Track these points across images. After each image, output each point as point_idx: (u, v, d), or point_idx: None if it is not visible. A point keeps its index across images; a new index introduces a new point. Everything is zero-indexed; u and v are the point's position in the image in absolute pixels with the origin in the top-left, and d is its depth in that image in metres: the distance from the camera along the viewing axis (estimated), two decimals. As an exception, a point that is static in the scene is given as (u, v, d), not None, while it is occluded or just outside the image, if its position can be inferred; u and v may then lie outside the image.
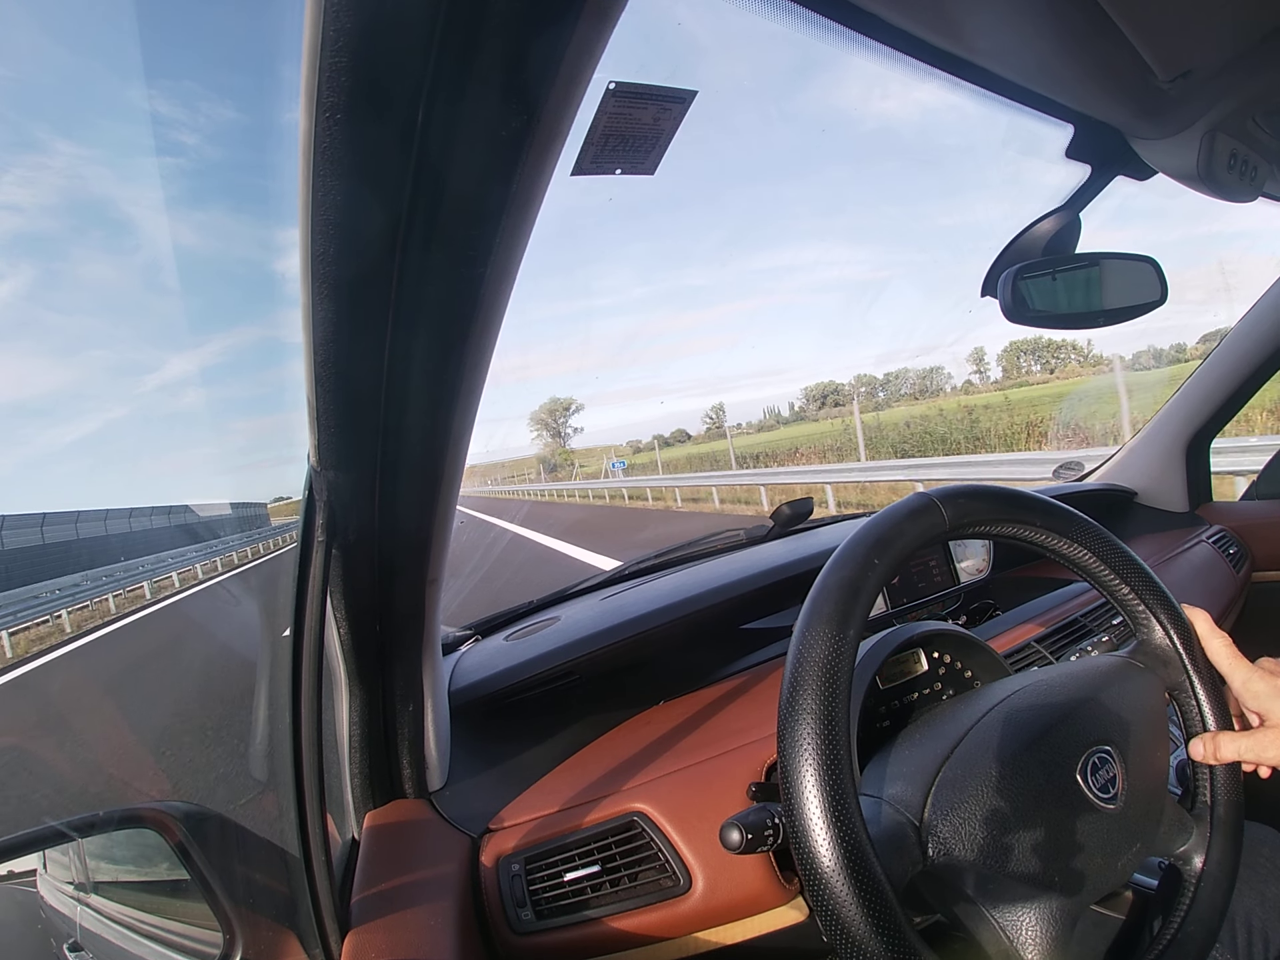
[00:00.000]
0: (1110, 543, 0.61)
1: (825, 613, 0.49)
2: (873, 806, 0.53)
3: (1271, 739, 0.56)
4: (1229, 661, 0.59)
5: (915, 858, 0.49)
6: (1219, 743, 0.57)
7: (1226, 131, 0.66)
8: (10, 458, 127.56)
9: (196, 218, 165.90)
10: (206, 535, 30.30)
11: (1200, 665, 0.60)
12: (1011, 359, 48.03)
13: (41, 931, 0.76)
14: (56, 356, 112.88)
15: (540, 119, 0.33)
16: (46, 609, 12.02)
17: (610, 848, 0.69)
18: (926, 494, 0.57)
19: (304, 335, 0.42)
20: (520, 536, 10.68)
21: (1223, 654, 0.60)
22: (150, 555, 19.72)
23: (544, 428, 74.48)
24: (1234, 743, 0.57)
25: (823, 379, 29.41)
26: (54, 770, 3.84)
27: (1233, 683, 0.59)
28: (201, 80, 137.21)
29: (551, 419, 74.33)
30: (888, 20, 0.50)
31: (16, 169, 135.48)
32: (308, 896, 0.55)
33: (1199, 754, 0.58)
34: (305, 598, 0.53)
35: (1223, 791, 0.58)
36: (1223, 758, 0.57)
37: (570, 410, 75.42)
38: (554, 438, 74.05)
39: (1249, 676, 0.58)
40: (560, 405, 74.13)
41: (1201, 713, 0.59)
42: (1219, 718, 0.59)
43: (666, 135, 0.47)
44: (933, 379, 43.53)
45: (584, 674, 0.90)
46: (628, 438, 69.37)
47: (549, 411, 74.40)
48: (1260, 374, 1.39)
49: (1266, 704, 0.57)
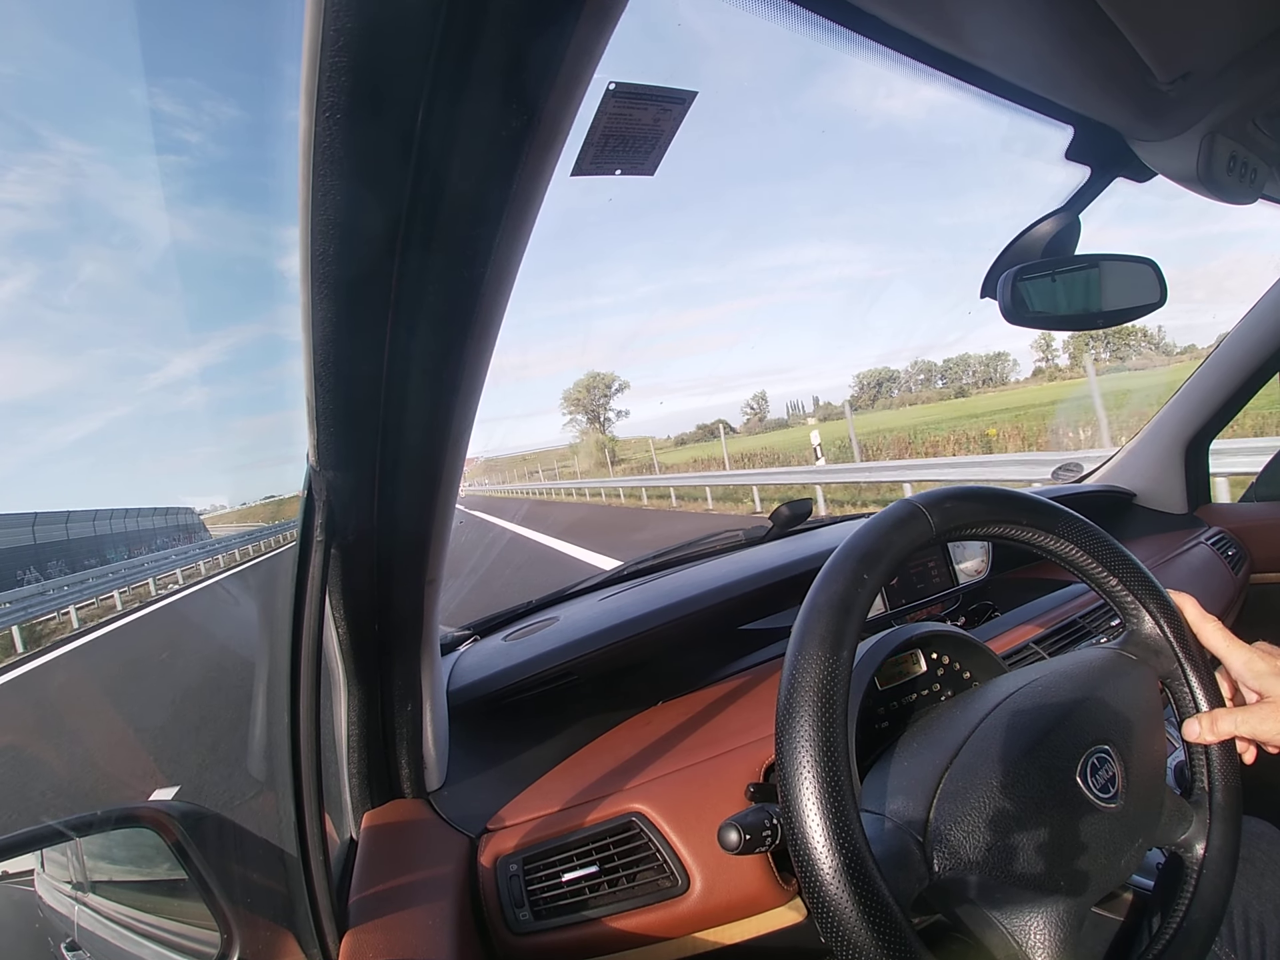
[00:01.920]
0: (1096, 536, 0.61)
1: (818, 634, 0.49)
2: (875, 824, 0.52)
3: (1268, 713, 0.56)
4: (1225, 644, 0.60)
5: (921, 874, 0.49)
6: (1215, 717, 0.58)
7: (1226, 134, 0.66)
8: (12, 457, 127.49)
9: (197, 217, 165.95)
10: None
11: (1192, 651, 0.60)
12: (1080, 344, 43.75)
13: (39, 931, 0.76)
14: (58, 355, 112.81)
15: (540, 119, 0.33)
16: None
17: (608, 848, 0.69)
18: (911, 501, 0.57)
19: (304, 334, 0.42)
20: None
21: (1217, 637, 0.60)
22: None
23: (579, 409, 63.55)
24: (1230, 717, 0.57)
25: (876, 365, 26.98)
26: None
27: (1232, 664, 0.59)
28: (203, 78, 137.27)
29: (589, 398, 63.08)
30: (888, 22, 0.50)
31: (20, 167, 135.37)
32: (305, 896, 0.55)
33: (1194, 733, 0.58)
34: (304, 597, 0.53)
35: (1220, 777, 0.58)
36: (1220, 732, 0.57)
37: (613, 389, 63.55)
38: (592, 423, 63.04)
39: (1250, 656, 0.58)
40: (600, 382, 62.67)
41: (1195, 698, 0.59)
42: (1212, 702, 0.59)
43: (666, 136, 0.47)
44: (997, 366, 39.92)
45: (583, 674, 0.90)
46: (655, 430, 62.47)
47: (586, 389, 63.07)
48: (1259, 376, 1.39)
49: (1268, 681, 0.57)
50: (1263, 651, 0.59)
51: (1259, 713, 0.57)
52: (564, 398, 64.54)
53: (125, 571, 15.98)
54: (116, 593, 14.04)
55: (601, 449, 47.85)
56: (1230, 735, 0.58)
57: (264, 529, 28.88)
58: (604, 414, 64.62)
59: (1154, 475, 1.59)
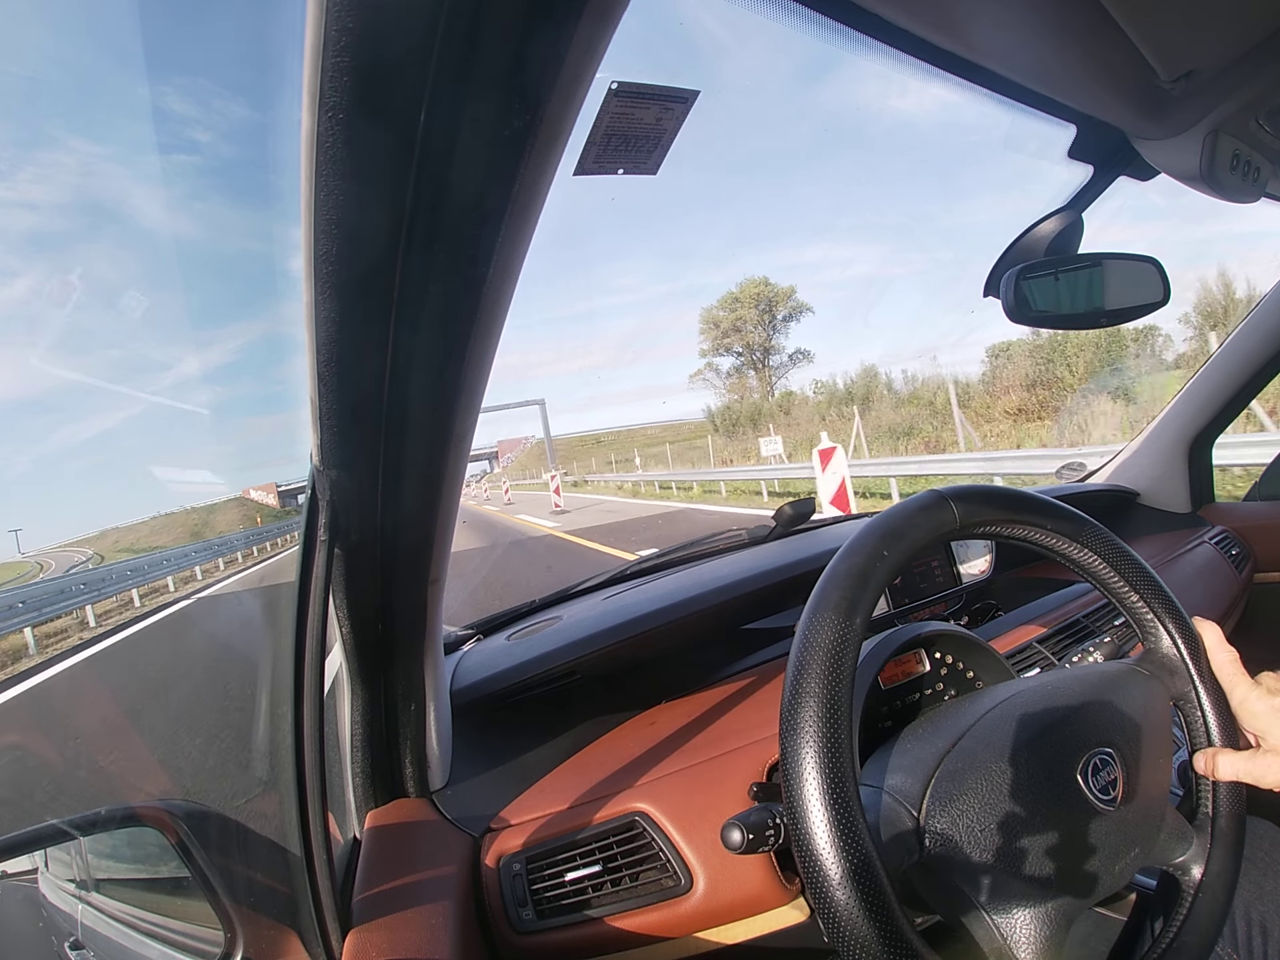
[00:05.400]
0: (1120, 550, 0.61)
1: (833, 600, 0.49)
2: (872, 795, 0.53)
3: (1269, 763, 0.55)
4: (1230, 676, 0.59)
5: (912, 846, 0.49)
6: (1218, 763, 0.57)
7: (1229, 132, 0.66)
8: (21, 455, 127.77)
9: (203, 216, 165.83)
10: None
11: (1207, 678, 0.59)
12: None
13: (43, 930, 0.76)
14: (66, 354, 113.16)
15: (542, 119, 0.33)
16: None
17: (612, 847, 0.69)
18: (939, 491, 0.58)
19: (307, 335, 0.42)
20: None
21: (1226, 668, 0.59)
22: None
23: (718, 338, 33.36)
24: (1232, 765, 0.56)
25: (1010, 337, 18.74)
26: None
27: (1230, 699, 0.59)
28: (211, 78, 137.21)
29: (738, 328, 32.89)
30: (891, 21, 0.50)
31: (30, 166, 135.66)
32: (309, 895, 0.55)
33: (1200, 768, 0.58)
34: (308, 597, 0.53)
35: (1225, 804, 0.58)
36: (1220, 776, 0.57)
37: (790, 306, 32.59)
38: (745, 369, 33.46)
39: (1247, 695, 0.57)
40: (770, 294, 32.33)
41: (1206, 724, 0.59)
42: (1224, 730, 0.58)
43: (669, 135, 0.47)
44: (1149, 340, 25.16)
45: (586, 674, 0.90)
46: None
47: (752, 298, 32.41)
48: (1263, 375, 1.39)
49: (1264, 724, 0.56)
50: (1264, 690, 0.57)
51: (1261, 763, 0.55)
52: (702, 320, 34.13)
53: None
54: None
55: (754, 419, 25.54)
56: (1232, 780, 0.57)
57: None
58: (770, 353, 33.29)
59: (1157, 474, 1.59)
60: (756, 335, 33.78)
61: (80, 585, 12.33)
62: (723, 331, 34.24)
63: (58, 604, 11.07)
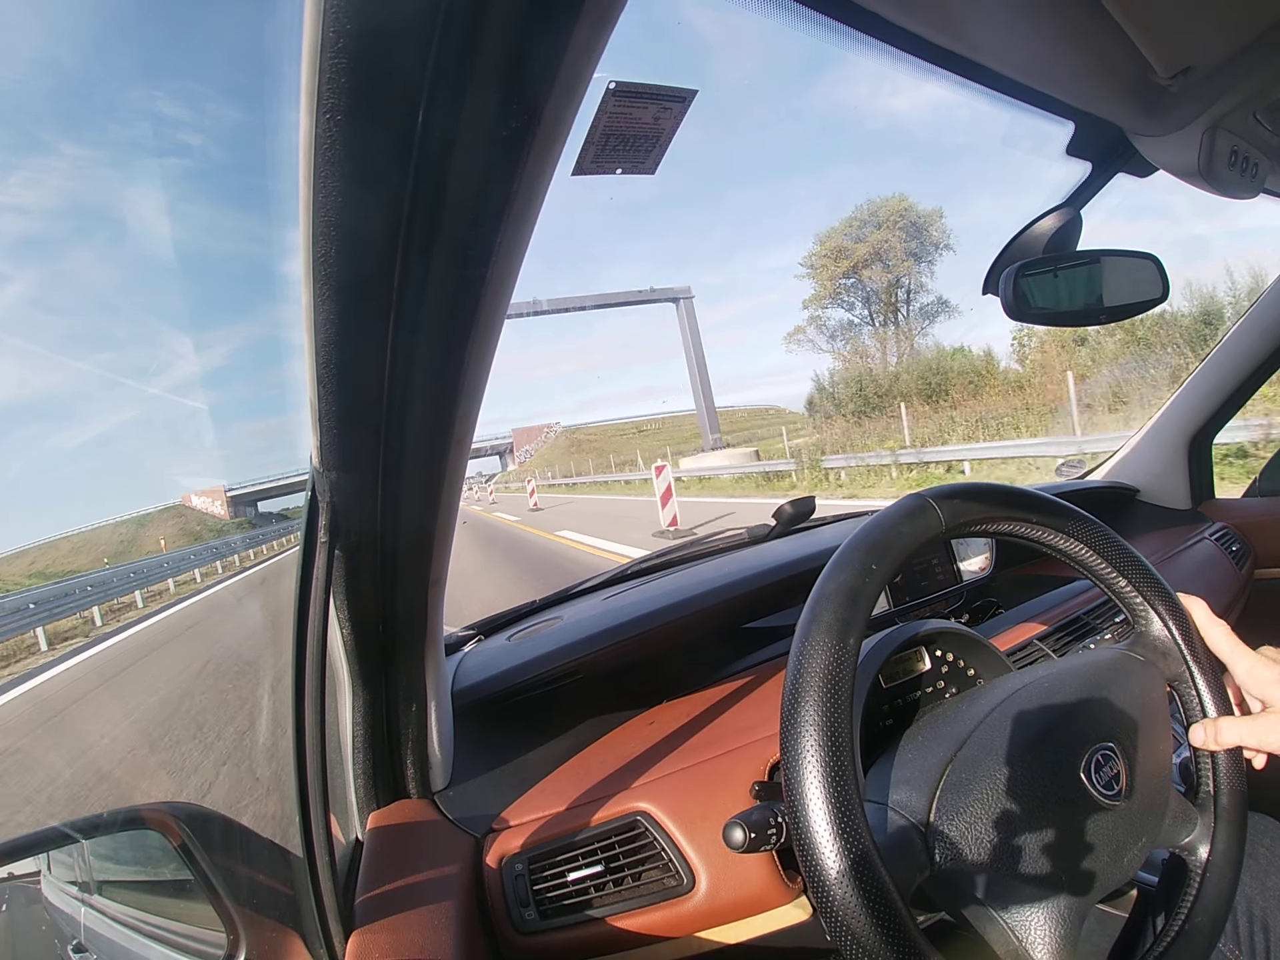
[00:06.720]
0: (1106, 536, 0.61)
1: (825, 621, 0.49)
2: (878, 813, 0.52)
3: (1273, 723, 0.56)
4: (1231, 649, 0.59)
5: (922, 863, 0.49)
6: (1220, 727, 0.57)
7: (1227, 128, 0.66)
8: (17, 460, 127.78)
9: (199, 219, 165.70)
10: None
11: (1199, 655, 0.60)
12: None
13: (46, 933, 0.76)
14: (61, 359, 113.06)
15: (540, 119, 0.33)
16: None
17: (614, 847, 0.69)
18: (921, 495, 0.57)
19: (306, 337, 0.42)
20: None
21: (1223, 642, 0.60)
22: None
23: (847, 271, 24.04)
24: (1235, 727, 0.57)
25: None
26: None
27: (1236, 670, 0.59)
28: (205, 81, 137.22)
29: (880, 255, 23.56)
30: (888, 18, 0.50)
31: (21, 170, 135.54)
32: (311, 897, 0.55)
33: (1199, 740, 0.58)
34: (308, 599, 0.53)
35: (1225, 780, 0.58)
36: (1224, 742, 0.57)
37: (938, 232, 23.65)
38: (873, 321, 24.74)
39: (1253, 664, 0.58)
40: (912, 217, 23.37)
41: (1202, 702, 0.59)
42: (1220, 706, 0.59)
43: (667, 134, 0.47)
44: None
45: (587, 674, 0.90)
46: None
47: (896, 215, 23.24)
48: (1263, 370, 1.39)
49: (1270, 690, 0.57)
50: (1268, 659, 0.58)
51: (1265, 723, 0.56)
52: (818, 256, 24.88)
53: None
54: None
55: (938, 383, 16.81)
56: (1235, 745, 0.57)
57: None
58: (914, 299, 24.93)
59: (1157, 471, 1.59)
60: (903, 268, 23.78)
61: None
62: (855, 264, 23.98)
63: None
